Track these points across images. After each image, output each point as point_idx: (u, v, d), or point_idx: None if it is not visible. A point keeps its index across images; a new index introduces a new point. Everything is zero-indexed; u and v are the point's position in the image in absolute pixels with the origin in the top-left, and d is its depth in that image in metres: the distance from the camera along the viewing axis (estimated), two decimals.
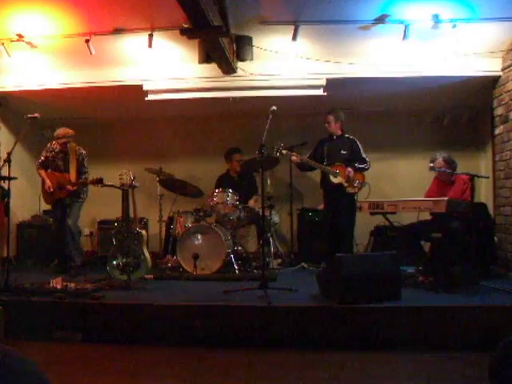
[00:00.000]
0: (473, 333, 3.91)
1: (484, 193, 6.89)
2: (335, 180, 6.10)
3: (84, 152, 6.07)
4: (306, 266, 6.46)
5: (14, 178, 5.27)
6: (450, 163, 5.43)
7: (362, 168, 6.11)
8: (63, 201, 6.01)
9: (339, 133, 6.30)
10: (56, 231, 6.19)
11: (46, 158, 6.10)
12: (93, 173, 6.72)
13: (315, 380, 3.39)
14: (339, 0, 5.23)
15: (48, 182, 6.00)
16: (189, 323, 4.17)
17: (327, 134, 6.34)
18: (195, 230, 5.97)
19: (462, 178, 5.35)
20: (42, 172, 6.10)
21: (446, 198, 4.75)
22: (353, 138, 6.28)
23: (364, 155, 6.18)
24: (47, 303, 4.37)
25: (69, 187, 5.87)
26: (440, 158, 5.42)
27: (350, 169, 6.03)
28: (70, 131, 6.00)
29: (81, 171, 5.99)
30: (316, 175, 6.63)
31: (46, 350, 3.97)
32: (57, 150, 6.06)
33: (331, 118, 6.25)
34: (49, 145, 6.17)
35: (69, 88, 6.38)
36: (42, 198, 6.38)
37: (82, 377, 3.46)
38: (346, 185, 6.06)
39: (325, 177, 6.29)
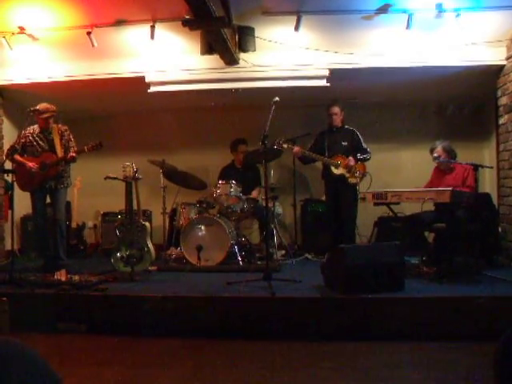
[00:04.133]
0: (476, 323, 3.91)
1: (488, 183, 6.88)
2: (337, 171, 6.12)
3: (66, 128, 5.66)
4: (309, 257, 6.49)
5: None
6: (450, 151, 5.51)
7: (364, 158, 6.14)
8: (45, 186, 5.52)
9: (339, 124, 6.31)
10: (41, 225, 5.68)
11: (22, 144, 5.51)
12: (95, 165, 6.75)
13: (320, 370, 3.40)
14: None
15: (28, 162, 5.41)
16: (192, 315, 4.19)
17: (328, 125, 6.35)
18: (199, 222, 5.98)
19: (462, 165, 5.38)
20: (17, 157, 5.48)
21: (449, 189, 4.73)
22: (353, 129, 6.30)
23: (365, 145, 6.21)
24: (52, 295, 4.40)
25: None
26: (439, 146, 5.49)
27: (351, 158, 6.06)
28: (53, 106, 5.53)
29: (69, 146, 5.55)
30: (319, 166, 6.62)
31: (50, 341, 3.99)
32: (37, 132, 5.55)
33: (337, 108, 6.27)
34: (23, 131, 5.58)
35: (71, 80, 6.36)
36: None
37: (87, 367, 3.49)
38: (347, 175, 6.08)
39: (326, 168, 6.31)
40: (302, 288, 4.57)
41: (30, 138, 5.55)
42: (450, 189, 4.73)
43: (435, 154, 5.50)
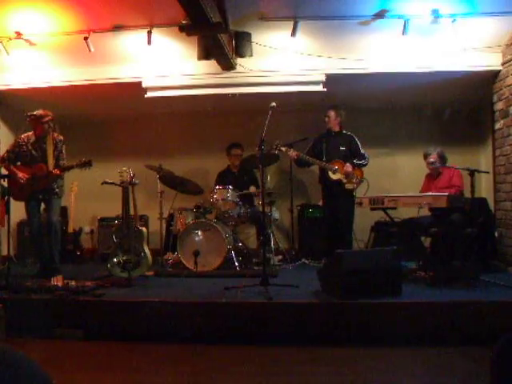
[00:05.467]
0: (473, 327, 3.92)
1: (484, 188, 6.89)
2: (334, 176, 6.12)
3: (62, 139, 5.55)
4: (306, 262, 6.48)
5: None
6: (443, 157, 5.58)
7: (361, 164, 6.15)
8: (38, 196, 5.48)
9: (337, 129, 6.33)
10: (36, 231, 5.59)
11: (16, 152, 5.48)
12: (92, 170, 6.73)
13: (317, 375, 3.40)
14: None
15: (19, 173, 5.36)
16: (189, 320, 4.18)
17: (326, 129, 6.36)
18: (196, 227, 5.97)
19: (449, 168, 5.45)
20: (11, 166, 5.45)
21: (446, 194, 4.76)
22: (351, 134, 6.31)
23: (362, 151, 6.22)
24: (48, 301, 4.38)
25: (56, 171, 5.31)
26: (435, 153, 5.53)
27: (348, 164, 6.06)
28: (50, 113, 5.44)
29: (59, 158, 5.46)
30: (316, 171, 6.62)
31: (47, 347, 3.98)
32: (31, 141, 5.45)
33: (332, 113, 6.28)
34: (18, 139, 5.56)
35: (68, 85, 6.36)
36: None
37: (84, 373, 3.47)
38: (344, 181, 6.08)
39: (323, 173, 6.31)
40: (299, 293, 4.56)
41: (24, 147, 5.47)
42: (447, 194, 4.76)
43: (431, 159, 5.53)
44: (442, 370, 3.46)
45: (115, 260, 5.16)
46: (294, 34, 5.50)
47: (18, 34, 5.61)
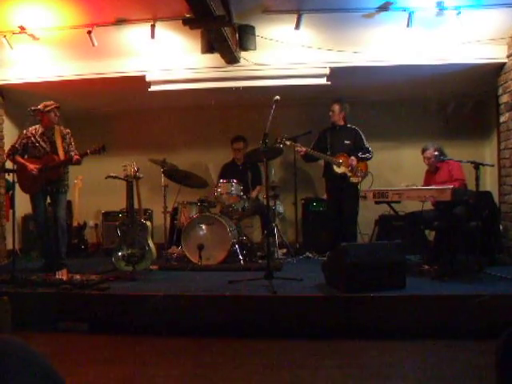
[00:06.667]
0: (478, 321, 3.91)
1: (489, 181, 6.87)
2: (339, 170, 6.11)
3: (69, 131, 5.62)
4: (310, 255, 6.49)
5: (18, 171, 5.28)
6: (441, 153, 5.57)
7: (365, 157, 6.14)
8: (47, 188, 5.48)
9: (342, 123, 6.31)
10: (41, 223, 5.62)
11: (24, 144, 5.49)
12: (96, 164, 6.75)
13: (321, 368, 3.40)
14: None
15: (30, 165, 5.36)
16: (194, 313, 4.19)
17: (330, 123, 6.34)
18: (200, 221, 5.98)
19: (446, 162, 5.44)
20: (19, 158, 5.46)
21: (450, 187, 4.74)
22: (355, 128, 6.29)
23: (367, 145, 6.21)
24: (53, 294, 4.40)
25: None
26: (432, 148, 5.54)
27: (353, 158, 6.05)
28: (54, 102, 5.51)
29: (70, 149, 5.53)
30: (321, 164, 6.61)
31: (52, 340, 3.99)
32: (39, 133, 5.49)
33: (337, 107, 6.26)
34: (24, 131, 5.55)
35: (71, 80, 6.36)
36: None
37: (88, 366, 3.49)
38: (349, 174, 6.08)
39: (328, 166, 6.30)
40: (303, 286, 4.57)
41: (33, 139, 5.50)
42: (451, 187, 4.74)
43: (427, 155, 5.55)
44: (446, 362, 3.46)
45: (120, 254, 5.18)
46: (297, 27, 5.47)
47: (22, 29, 5.61)
